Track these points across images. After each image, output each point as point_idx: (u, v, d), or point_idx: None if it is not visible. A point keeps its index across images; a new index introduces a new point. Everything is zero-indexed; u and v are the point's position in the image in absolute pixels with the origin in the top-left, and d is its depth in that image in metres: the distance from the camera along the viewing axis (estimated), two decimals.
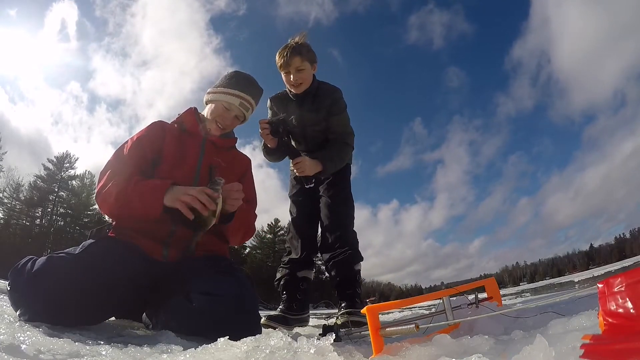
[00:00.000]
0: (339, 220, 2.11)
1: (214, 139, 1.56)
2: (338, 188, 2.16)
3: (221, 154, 1.57)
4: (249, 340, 0.81)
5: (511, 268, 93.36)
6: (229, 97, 1.56)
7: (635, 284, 0.53)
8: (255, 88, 1.64)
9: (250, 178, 1.67)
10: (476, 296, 1.05)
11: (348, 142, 2.10)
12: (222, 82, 1.62)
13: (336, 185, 2.16)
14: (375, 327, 0.86)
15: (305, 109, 2.06)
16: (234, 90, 1.57)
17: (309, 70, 1.99)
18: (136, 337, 1.16)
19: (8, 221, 29.12)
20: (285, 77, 2.01)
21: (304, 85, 2.00)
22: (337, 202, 2.12)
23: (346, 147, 2.08)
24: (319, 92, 2.05)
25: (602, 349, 0.49)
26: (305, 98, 2.04)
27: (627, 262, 29.07)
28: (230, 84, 1.59)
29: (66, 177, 32.08)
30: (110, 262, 1.21)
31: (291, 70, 1.95)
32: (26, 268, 1.10)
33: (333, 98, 2.05)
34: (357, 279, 2.09)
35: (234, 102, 1.56)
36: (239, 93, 1.57)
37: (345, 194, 2.19)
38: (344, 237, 2.08)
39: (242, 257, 36.39)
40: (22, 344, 0.77)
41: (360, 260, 2.10)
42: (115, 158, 1.43)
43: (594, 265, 67.05)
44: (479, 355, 0.60)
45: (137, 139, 1.48)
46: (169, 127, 1.56)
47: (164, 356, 0.80)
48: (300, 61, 1.94)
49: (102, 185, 1.35)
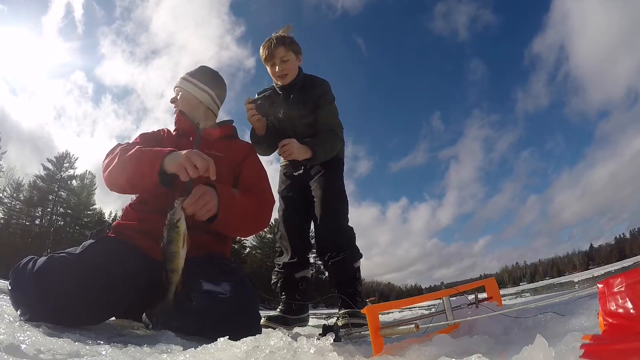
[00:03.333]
0: (335, 218, 2.02)
1: (207, 131, 1.59)
2: (331, 182, 2.07)
3: (217, 144, 1.57)
4: (248, 340, 0.81)
5: (511, 268, 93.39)
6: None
7: (635, 284, 0.53)
8: (196, 71, 1.72)
9: (252, 164, 1.63)
10: (476, 296, 1.04)
11: (337, 134, 2.04)
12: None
13: (329, 179, 2.08)
14: (375, 327, 0.86)
15: (292, 101, 2.01)
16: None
17: (294, 61, 1.98)
18: (136, 337, 1.16)
19: (8, 221, 29.13)
20: (270, 70, 1.99)
21: (290, 77, 1.97)
22: (330, 197, 2.04)
23: (336, 137, 2.02)
24: (306, 84, 2.02)
25: (602, 349, 0.49)
26: (291, 90, 2.00)
27: (627, 262, 29.08)
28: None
29: (66, 177, 32.11)
30: (110, 262, 1.21)
31: (276, 62, 1.94)
32: (27, 268, 1.11)
33: (322, 90, 2.01)
34: (357, 277, 2.04)
35: (176, 85, 1.70)
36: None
37: (339, 188, 2.11)
38: (340, 235, 2.01)
39: (242, 257, 36.37)
40: (22, 343, 0.77)
41: (359, 257, 2.05)
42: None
43: (593, 265, 67.09)
44: (479, 355, 0.60)
45: (140, 134, 1.59)
46: (169, 133, 1.63)
47: (164, 356, 0.80)
48: (284, 51, 1.93)
49: (110, 158, 1.40)
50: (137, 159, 1.31)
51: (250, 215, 1.45)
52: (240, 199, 1.39)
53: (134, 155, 1.33)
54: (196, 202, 1.23)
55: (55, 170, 31.63)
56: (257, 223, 1.52)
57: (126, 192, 1.47)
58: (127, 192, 1.47)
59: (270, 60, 1.95)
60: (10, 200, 29.59)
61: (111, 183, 1.42)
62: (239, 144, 1.67)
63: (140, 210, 1.44)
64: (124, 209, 1.50)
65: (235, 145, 1.64)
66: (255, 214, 1.48)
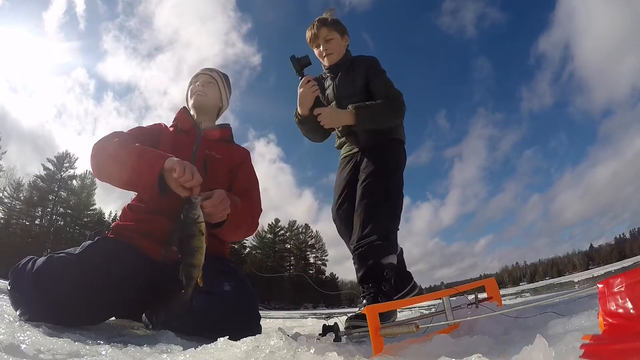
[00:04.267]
0: (371, 204, 1.70)
1: (207, 132, 1.60)
2: (380, 166, 1.76)
3: (216, 146, 1.58)
4: (248, 340, 0.81)
5: (511, 268, 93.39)
6: (192, 77, 1.76)
7: (635, 284, 0.53)
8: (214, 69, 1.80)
9: (248, 170, 1.64)
10: (476, 296, 1.04)
11: (397, 99, 1.78)
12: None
13: (379, 161, 1.78)
14: (375, 327, 0.86)
15: (340, 81, 1.91)
16: (195, 72, 1.79)
17: (339, 40, 1.92)
18: (136, 337, 1.16)
19: (8, 221, 29.16)
20: (316, 52, 1.95)
21: (335, 56, 1.91)
22: (374, 183, 1.73)
23: (391, 101, 1.76)
24: (353, 63, 1.92)
25: (602, 349, 0.49)
26: (339, 70, 1.92)
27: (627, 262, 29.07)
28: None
29: (66, 177, 32.14)
30: (110, 262, 1.22)
31: (320, 42, 1.91)
32: (27, 268, 1.11)
33: (368, 63, 1.88)
34: (385, 274, 1.65)
35: (197, 72, 1.75)
36: (199, 70, 1.79)
37: (388, 173, 1.77)
38: (374, 223, 1.68)
39: (242, 257, 36.39)
40: (22, 343, 0.77)
41: (391, 252, 1.70)
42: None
43: (593, 265, 67.09)
44: (479, 355, 0.60)
45: (137, 126, 1.59)
46: (166, 128, 1.61)
47: (163, 356, 0.80)
48: (328, 31, 1.90)
49: (104, 145, 1.35)
50: (138, 156, 1.28)
51: (244, 224, 1.46)
52: (241, 208, 1.39)
53: (134, 151, 1.29)
54: (217, 205, 1.21)
55: (55, 170, 31.67)
56: (248, 231, 1.52)
57: (114, 183, 1.39)
58: (114, 183, 1.39)
59: (315, 41, 1.92)
60: (10, 200, 29.63)
61: (99, 169, 1.36)
62: (236, 148, 1.68)
63: (139, 211, 1.44)
64: (123, 210, 1.50)
65: (233, 149, 1.66)
66: (249, 223, 1.49)
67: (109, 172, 1.36)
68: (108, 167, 1.35)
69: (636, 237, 70.14)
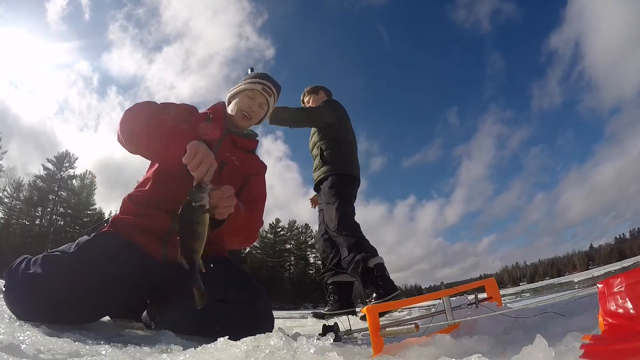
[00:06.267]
0: (333, 232, 2.47)
1: (234, 137, 1.54)
2: (324, 196, 2.65)
3: (237, 152, 1.53)
4: (248, 340, 0.81)
5: (511, 268, 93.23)
6: (250, 84, 1.62)
7: (635, 284, 0.53)
8: (274, 80, 1.69)
9: (259, 182, 1.60)
10: (476, 296, 1.04)
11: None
12: (242, 79, 1.69)
13: (323, 193, 2.71)
14: (375, 327, 0.86)
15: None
16: (254, 79, 1.64)
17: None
18: (136, 337, 1.16)
19: (8, 221, 29.15)
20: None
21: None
22: (326, 212, 2.56)
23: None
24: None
25: (602, 349, 0.49)
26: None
27: (627, 262, 29.05)
28: (250, 76, 1.66)
29: (66, 176, 32.12)
30: (105, 260, 1.20)
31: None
32: (20, 268, 1.10)
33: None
34: (375, 274, 2.27)
35: (256, 88, 1.60)
36: (260, 80, 1.63)
37: (328, 199, 2.55)
38: (343, 244, 2.43)
39: (242, 257, 36.38)
40: (22, 343, 0.77)
41: (371, 256, 2.32)
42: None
43: (593, 265, 67.05)
44: (479, 355, 0.60)
45: (171, 102, 1.52)
46: (196, 113, 1.55)
47: (163, 356, 0.80)
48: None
49: (136, 105, 1.34)
50: (170, 130, 1.26)
51: (243, 231, 1.41)
52: (243, 214, 1.35)
53: (169, 125, 1.28)
54: (224, 199, 1.17)
55: (55, 170, 31.64)
56: (246, 240, 1.48)
57: (140, 151, 1.36)
58: (141, 151, 1.37)
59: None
60: (10, 200, 29.61)
61: (129, 135, 1.32)
62: (256, 160, 1.63)
63: (140, 204, 1.40)
64: (123, 201, 1.45)
65: (253, 160, 1.61)
66: (248, 231, 1.44)
67: (137, 140, 1.32)
68: (138, 135, 1.30)
69: (636, 237, 70.14)
